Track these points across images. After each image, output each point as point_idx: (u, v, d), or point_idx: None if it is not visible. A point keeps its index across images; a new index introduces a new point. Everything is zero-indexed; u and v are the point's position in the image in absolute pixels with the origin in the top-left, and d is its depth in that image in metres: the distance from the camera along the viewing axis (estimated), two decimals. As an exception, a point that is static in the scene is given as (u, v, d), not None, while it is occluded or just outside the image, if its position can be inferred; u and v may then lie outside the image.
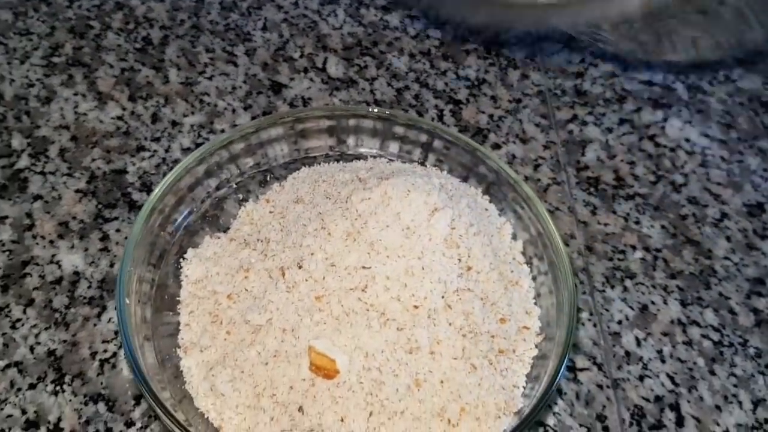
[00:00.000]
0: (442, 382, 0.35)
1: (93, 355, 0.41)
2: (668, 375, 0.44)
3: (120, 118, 0.54)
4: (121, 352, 0.42)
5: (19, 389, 0.40)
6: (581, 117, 0.59)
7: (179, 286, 0.41)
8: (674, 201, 0.54)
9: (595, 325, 0.46)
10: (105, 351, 0.42)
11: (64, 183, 0.49)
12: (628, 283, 0.48)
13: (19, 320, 0.42)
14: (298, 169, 0.46)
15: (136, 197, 0.49)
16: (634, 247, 0.50)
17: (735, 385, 0.44)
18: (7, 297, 0.43)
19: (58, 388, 0.40)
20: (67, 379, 0.40)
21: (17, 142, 0.51)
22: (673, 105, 0.60)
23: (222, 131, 0.54)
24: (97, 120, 0.53)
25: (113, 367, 0.41)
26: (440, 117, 0.57)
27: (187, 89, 0.56)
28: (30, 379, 0.40)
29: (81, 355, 0.41)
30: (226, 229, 0.44)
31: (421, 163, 0.47)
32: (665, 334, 0.46)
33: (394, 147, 0.48)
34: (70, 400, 0.40)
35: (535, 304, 0.41)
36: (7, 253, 0.45)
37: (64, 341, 0.42)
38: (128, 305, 0.36)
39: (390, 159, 0.47)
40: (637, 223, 0.52)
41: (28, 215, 0.47)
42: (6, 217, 0.47)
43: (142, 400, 0.40)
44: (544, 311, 0.40)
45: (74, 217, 0.48)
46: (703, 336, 0.46)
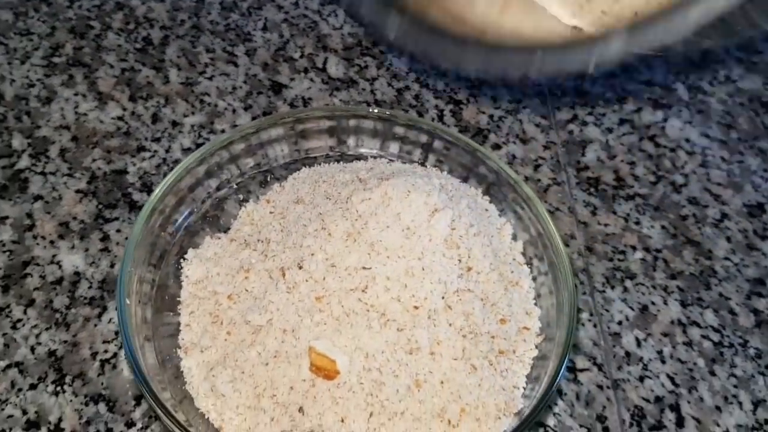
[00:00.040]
0: (442, 382, 0.35)
1: (93, 355, 0.41)
2: (668, 375, 0.44)
3: (120, 118, 0.54)
4: (122, 352, 0.42)
5: (20, 389, 0.40)
6: (581, 117, 0.58)
7: (180, 287, 0.41)
8: (674, 201, 0.54)
9: (595, 326, 0.46)
10: (105, 351, 0.42)
11: (65, 183, 0.49)
12: (629, 283, 0.48)
13: (19, 320, 0.43)
14: (299, 169, 0.47)
15: (137, 197, 0.49)
16: (634, 248, 0.50)
17: (735, 386, 0.44)
18: (7, 297, 0.43)
19: (58, 388, 0.40)
20: (67, 379, 0.40)
21: (18, 142, 0.51)
22: (673, 105, 0.60)
23: (222, 131, 0.54)
24: (98, 120, 0.53)
25: (114, 367, 0.41)
26: (440, 117, 0.57)
27: (188, 89, 0.56)
28: (31, 380, 0.40)
29: (82, 355, 0.41)
30: (226, 229, 0.44)
31: (422, 164, 0.47)
32: (665, 334, 0.46)
33: (394, 147, 0.48)
34: (71, 401, 0.40)
35: (536, 304, 0.41)
36: (8, 253, 0.45)
37: (65, 341, 0.42)
38: (129, 306, 0.36)
39: (390, 159, 0.47)
40: (637, 223, 0.52)
41: (29, 215, 0.47)
42: (6, 218, 0.47)
43: (142, 400, 0.40)
44: (545, 312, 0.40)
45: (75, 218, 0.48)
46: (704, 336, 0.46)
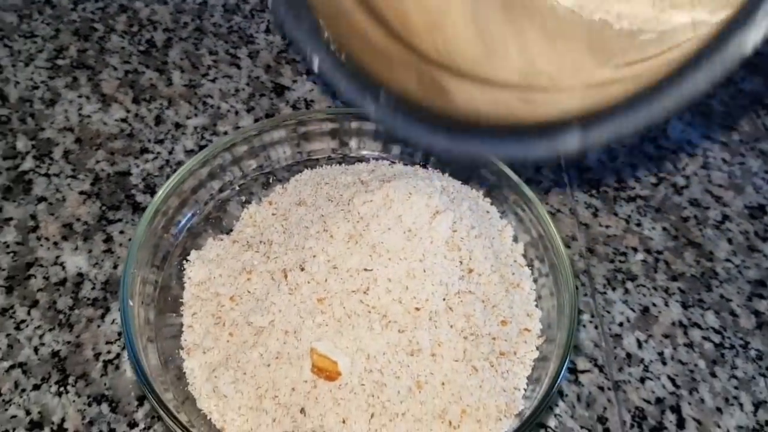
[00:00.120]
0: (443, 384, 0.35)
1: (96, 356, 0.42)
2: (669, 377, 0.44)
3: (124, 120, 0.54)
4: (125, 353, 0.42)
5: (24, 390, 0.40)
6: (583, 119, 0.58)
7: (182, 288, 0.41)
8: (675, 203, 0.54)
9: (596, 327, 0.46)
10: (108, 352, 0.42)
11: (68, 185, 0.50)
12: (630, 285, 0.48)
13: (23, 321, 0.43)
14: (301, 171, 0.47)
15: (140, 199, 0.49)
16: (635, 249, 0.50)
17: (736, 387, 0.44)
18: (11, 298, 0.44)
19: (61, 388, 0.40)
20: (70, 380, 0.41)
21: (22, 144, 0.52)
22: (674, 107, 0.60)
23: (225, 133, 0.54)
24: (101, 122, 0.54)
25: (117, 368, 0.41)
26: (442, 119, 0.57)
27: (191, 91, 0.57)
28: (34, 380, 0.40)
29: (85, 356, 0.42)
30: (228, 231, 0.44)
31: (423, 166, 0.47)
32: (666, 336, 0.46)
33: (396, 149, 0.48)
34: (74, 401, 0.40)
35: (536, 306, 0.41)
36: (12, 254, 0.46)
37: (68, 342, 0.42)
38: (132, 307, 0.36)
39: (392, 161, 0.48)
40: (638, 225, 0.52)
41: (33, 217, 0.48)
42: (10, 219, 0.47)
43: (145, 401, 0.40)
44: (545, 313, 0.40)
45: (78, 219, 0.48)
46: (704, 338, 0.46)
